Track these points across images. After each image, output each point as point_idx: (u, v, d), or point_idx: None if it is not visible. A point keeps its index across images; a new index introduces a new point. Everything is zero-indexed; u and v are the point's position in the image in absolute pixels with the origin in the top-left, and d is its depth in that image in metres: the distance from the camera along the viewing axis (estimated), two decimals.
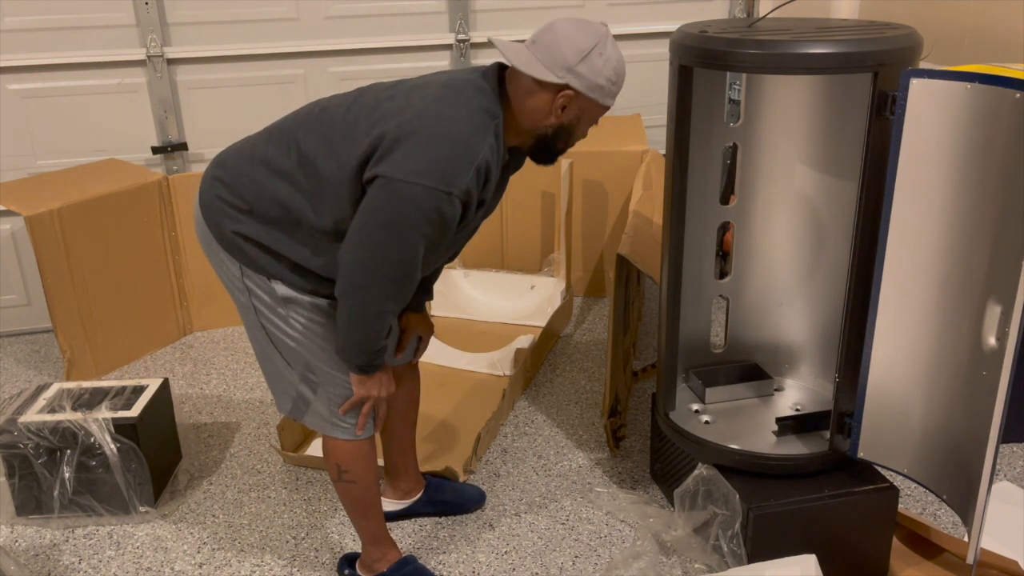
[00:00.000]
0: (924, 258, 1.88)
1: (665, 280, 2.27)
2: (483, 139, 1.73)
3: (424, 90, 1.78)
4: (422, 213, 1.69)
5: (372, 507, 2.13)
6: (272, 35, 3.61)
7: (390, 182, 1.68)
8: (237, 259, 1.89)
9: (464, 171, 1.70)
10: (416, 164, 1.68)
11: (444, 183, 1.68)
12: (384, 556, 2.18)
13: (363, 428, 2.00)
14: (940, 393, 1.94)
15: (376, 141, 1.72)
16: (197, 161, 3.71)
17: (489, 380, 3.14)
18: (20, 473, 2.45)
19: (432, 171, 1.67)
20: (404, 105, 1.75)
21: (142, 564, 2.35)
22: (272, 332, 1.94)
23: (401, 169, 1.68)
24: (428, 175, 1.67)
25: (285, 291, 1.89)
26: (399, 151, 1.69)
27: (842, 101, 2.21)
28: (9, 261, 3.58)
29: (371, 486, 2.09)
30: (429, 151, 1.69)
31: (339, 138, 1.77)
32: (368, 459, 2.05)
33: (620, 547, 2.36)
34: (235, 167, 1.89)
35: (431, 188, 1.67)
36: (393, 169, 1.68)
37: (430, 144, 1.69)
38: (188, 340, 3.60)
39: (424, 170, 1.67)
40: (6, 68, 3.40)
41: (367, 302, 1.78)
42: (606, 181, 3.70)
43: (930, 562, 2.18)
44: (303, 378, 1.96)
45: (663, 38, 3.84)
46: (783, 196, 2.38)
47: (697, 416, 2.37)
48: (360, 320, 1.80)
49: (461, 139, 1.70)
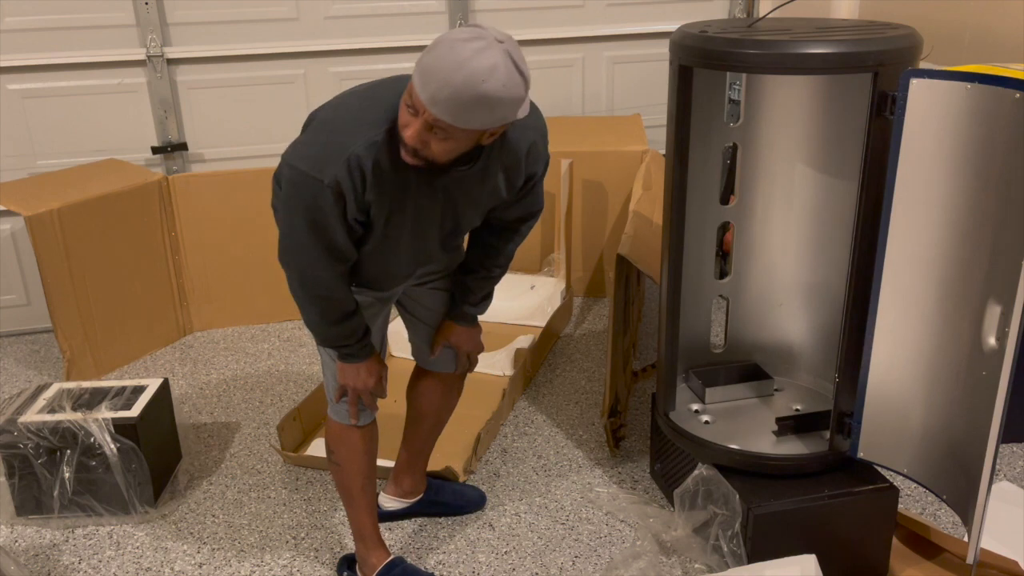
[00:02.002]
0: (924, 258, 1.88)
1: (665, 280, 2.27)
2: (363, 133, 1.69)
3: (364, 84, 1.83)
4: (300, 197, 1.72)
5: (355, 498, 2.14)
6: (272, 35, 3.61)
7: (282, 164, 1.77)
8: None
9: (333, 161, 1.68)
10: (298, 148, 1.74)
11: (315, 169, 1.69)
12: (367, 558, 2.18)
13: (355, 416, 2.03)
14: (940, 393, 1.94)
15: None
16: (197, 161, 3.71)
17: (489, 380, 3.14)
18: (20, 473, 2.45)
19: (306, 156, 1.71)
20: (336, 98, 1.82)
21: (142, 564, 2.35)
22: None
23: (290, 152, 1.75)
24: (302, 160, 1.71)
25: None
26: (299, 136, 1.78)
27: (842, 101, 2.21)
28: (9, 261, 3.58)
29: (355, 475, 2.11)
30: (309, 136, 1.75)
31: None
32: (352, 447, 2.08)
33: (620, 547, 2.36)
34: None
35: (303, 172, 1.70)
36: (287, 151, 1.76)
37: (313, 130, 1.76)
38: (188, 340, 3.60)
39: (300, 155, 1.72)
40: (6, 68, 3.40)
41: (289, 280, 1.84)
42: (606, 181, 3.70)
43: (930, 562, 2.18)
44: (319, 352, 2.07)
45: (663, 38, 3.84)
46: (783, 196, 2.38)
47: (697, 416, 2.37)
48: (300, 302, 1.86)
49: (339, 129, 1.72)
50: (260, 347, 3.51)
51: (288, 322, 3.70)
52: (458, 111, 1.55)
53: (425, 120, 1.59)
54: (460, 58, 1.52)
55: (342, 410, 2.05)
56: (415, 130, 1.61)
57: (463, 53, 1.52)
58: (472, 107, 1.55)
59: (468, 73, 1.51)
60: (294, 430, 2.76)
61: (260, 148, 3.70)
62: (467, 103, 1.54)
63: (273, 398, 3.14)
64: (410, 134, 1.62)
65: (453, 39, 1.54)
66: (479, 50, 1.52)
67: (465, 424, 2.84)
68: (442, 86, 1.53)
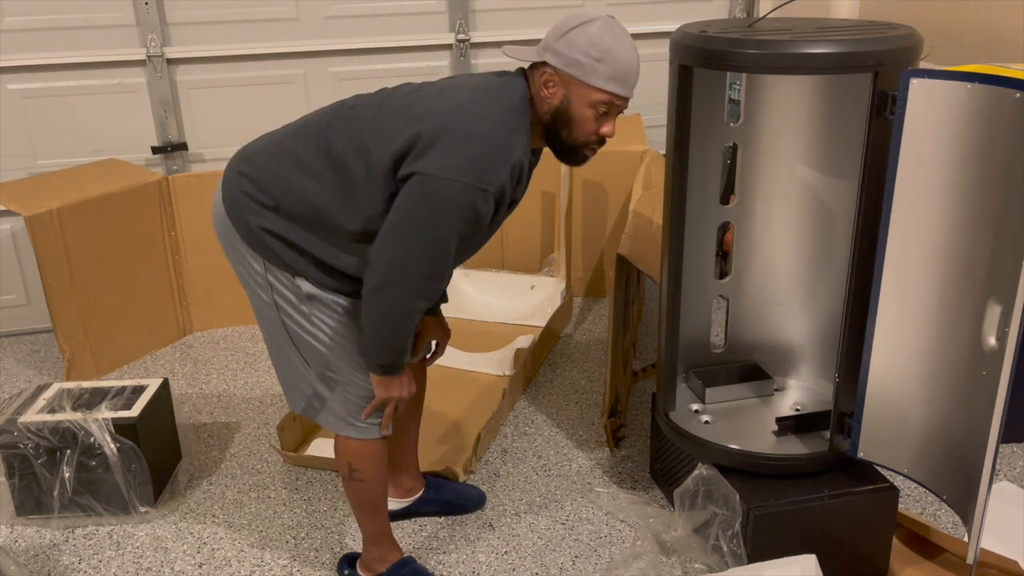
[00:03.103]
0: (924, 258, 1.88)
1: (665, 280, 2.27)
2: (517, 137, 1.76)
3: (456, 90, 1.81)
4: (458, 210, 1.71)
5: (379, 506, 2.13)
6: (272, 35, 3.61)
7: (427, 178, 1.70)
8: (261, 255, 1.90)
9: (500, 168, 1.73)
10: (453, 161, 1.70)
11: (481, 180, 1.70)
12: (384, 556, 2.18)
13: (387, 428, 2.02)
14: (940, 393, 1.94)
15: (412, 139, 1.74)
16: (197, 161, 3.71)
17: (489, 380, 3.14)
18: (20, 473, 2.45)
19: (469, 168, 1.70)
20: (436, 104, 1.77)
21: (142, 564, 2.35)
22: (293, 329, 1.94)
23: (438, 166, 1.70)
24: (465, 172, 1.70)
25: (309, 288, 1.89)
26: (436, 148, 1.71)
27: (842, 101, 2.21)
28: (9, 261, 3.58)
29: (380, 485, 2.10)
30: (466, 148, 1.71)
31: (368, 136, 1.79)
32: (379, 458, 2.06)
33: (620, 547, 2.36)
34: (263, 163, 1.90)
35: (468, 184, 1.69)
36: (430, 166, 1.70)
37: (467, 142, 1.72)
38: (188, 340, 3.60)
39: (461, 167, 1.70)
40: (6, 68, 3.40)
41: (400, 300, 1.78)
42: (606, 181, 3.70)
43: (930, 562, 2.18)
44: (321, 376, 1.97)
45: (663, 38, 3.83)
46: (783, 196, 2.38)
47: (697, 416, 2.37)
48: (390, 318, 1.80)
49: (496, 137, 1.74)
50: (260, 347, 3.51)
51: None
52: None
53: (621, 110, 1.83)
54: (628, 49, 1.76)
55: (370, 427, 2.01)
56: (615, 124, 1.83)
57: (626, 44, 1.76)
58: None
59: (634, 51, 1.78)
60: (294, 430, 2.76)
61: None
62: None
63: (273, 398, 3.14)
64: (613, 129, 1.82)
65: (609, 41, 1.74)
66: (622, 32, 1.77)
67: (465, 424, 2.84)
68: (636, 74, 1.79)
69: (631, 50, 1.76)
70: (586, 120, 1.80)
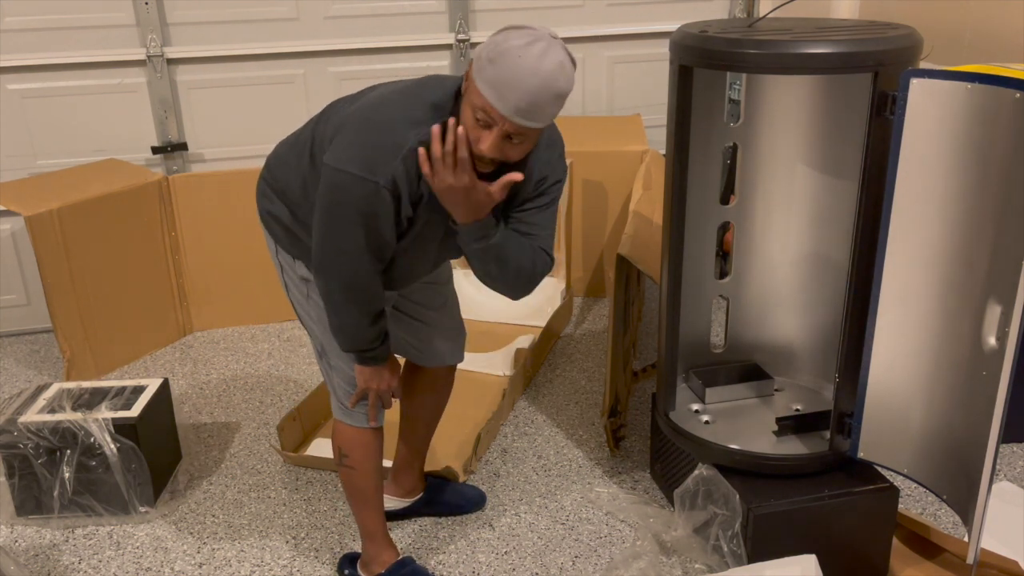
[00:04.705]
0: (924, 258, 1.88)
1: (665, 280, 2.27)
2: (415, 130, 1.68)
3: (395, 85, 1.81)
4: (353, 201, 1.69)
5: (370, 499, 2.14)
6: (272, 35, 3.61)
7: (327, 169, 1.72)
8: (271, 236, 1.99)
9: (388, 160, 1.67)
10: (345, 151, 1.70)
11: (368, 171, 1.67)
12: (378, 556, 2.18)
13: (375, 419, 2.04)
14: (940, 393, 1.94)
15: (334, 131, 1.76)
16: (197, 161, 3.71)
17: (489, 380, 3.14)
18: (20, 473, 2.45)
19: (357, 158, 1.68)
20: (366, 98, 1.79)
21: (142, 564, 2.35)
22: (297, 308, 2.04)
23: (334, 157, 1.71)
24: (353, 163, 1.68)
25: (304, 272, 1.96)
26: (337, 139, 1.73)
27: (842, 101, 2.21)
28: (9, 261, 3.58)
29: (370, 475, 2.11)
30: (357, 138, 1.70)
31: (332, 131, 1.81)
32: (369, 448, 2.08)
33: (620, 547, 2.36)
34: (280, 149, 1.98)
35: (357, 176, 1.67)
36: (330, 157, 1.72)
37: (359, 131, 1.71)
38: (188, 340, 3.60)
39: (351, 157, 1.68)
40: (6, 68, 3.40)
41: (328, 287, 1.81)
42: (606, 181, 3.70)
43: (930, 562, 2.18)
44: (320, 355, 2.05)
45: (663, 38, 3.84)
46: (783, 196, 2.38)
47: (697, 416, 2.37)
48: (328, 305, 1.84)
49: (390, 128, 1.68)
50: (260, 347, 3.51)
51: (288, 322, 3.70)
52: (538, 114, 1.59)
53: (503, 131, 1.60)
54: (531, 64, 1.55)
55: (358, 414, 2.04)
56: (493, 142, 1.61)
57: (531, 59, 1.55)
58: (550, 105, 1.60)
59: (543, 77, 1.55)
60: (294, 430, 2.76)
61: (260, 148, 3.69)
62: (545, 104, 1.58)
63: (273, 398, 3.14)
64: (488, 146, 1.61)
65: (514, 46, 1.56)
66: (544, 51, 1.56)
67: (465, 424, 2.84)
68: (521, 96, 1.55)
69: (536, 74, 1.54)
70: (467, 123, 1.63)
